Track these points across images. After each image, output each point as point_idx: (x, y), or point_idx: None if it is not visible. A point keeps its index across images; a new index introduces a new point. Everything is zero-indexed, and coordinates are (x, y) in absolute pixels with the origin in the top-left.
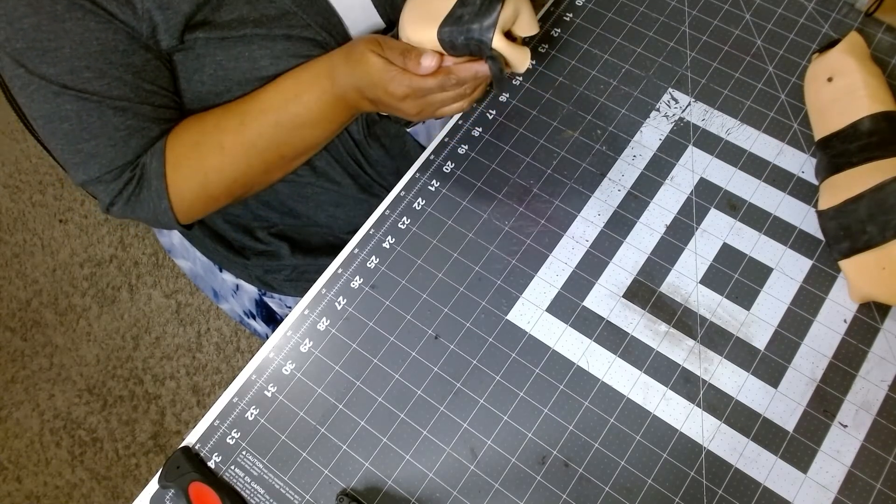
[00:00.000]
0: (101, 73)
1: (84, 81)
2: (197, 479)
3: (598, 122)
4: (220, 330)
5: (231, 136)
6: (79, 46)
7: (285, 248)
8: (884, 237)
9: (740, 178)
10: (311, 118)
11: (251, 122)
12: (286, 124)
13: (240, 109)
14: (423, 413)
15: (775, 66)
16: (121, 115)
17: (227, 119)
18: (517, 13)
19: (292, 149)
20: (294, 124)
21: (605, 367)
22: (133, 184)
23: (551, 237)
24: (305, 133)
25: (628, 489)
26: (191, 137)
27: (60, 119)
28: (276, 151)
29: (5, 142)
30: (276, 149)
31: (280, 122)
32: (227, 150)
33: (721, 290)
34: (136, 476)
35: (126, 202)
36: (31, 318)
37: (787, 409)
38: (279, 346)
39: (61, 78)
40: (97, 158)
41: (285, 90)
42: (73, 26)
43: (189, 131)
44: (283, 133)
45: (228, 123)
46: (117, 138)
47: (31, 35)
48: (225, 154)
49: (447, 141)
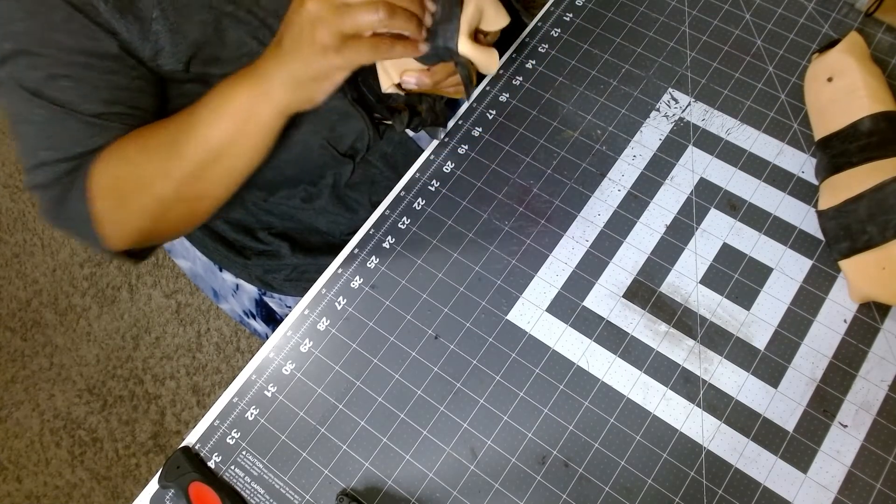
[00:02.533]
0: (78, 83)
1: (59, 90)
2: (197, 479)
3: (598, 122)
4: (220, 330)
5: (150, 128)
6: (64, 56)
7: (285, 247)
8: (884, 237)
9: (740, 178)
10: (207, 98)
11: (173, 114)
12: (189, 110)
13: (174, 118)
14: (423, 413)
15: (775, 66)
16: (86, 132)
17: (163, 126)
18: (480, 10)
19: (188, 143)
20: (194, 107)
21: (605, 367)
22: (63, 184)
23: (551, 237)
24: (201, 117)
25: (628, 489)
26: (125, 135)
27: (27, 122)
28: (175, 144)
29: (5, 142)
30: (175, 140)
31: (189, 110)
32: (142, 139)
33: (721, 290)
34: (136, 476)
35: (54, 203)
36: (31, 318)
37: (787, 409)
38: (279, 346)
39: (38, 84)
40: (48, 168)
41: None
42: (64, 38)
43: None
44: (184, 119)
45: (156, 120)
46: (73, 154)
47: (22, 39)
48: (138, 144)
49: (447, 141)
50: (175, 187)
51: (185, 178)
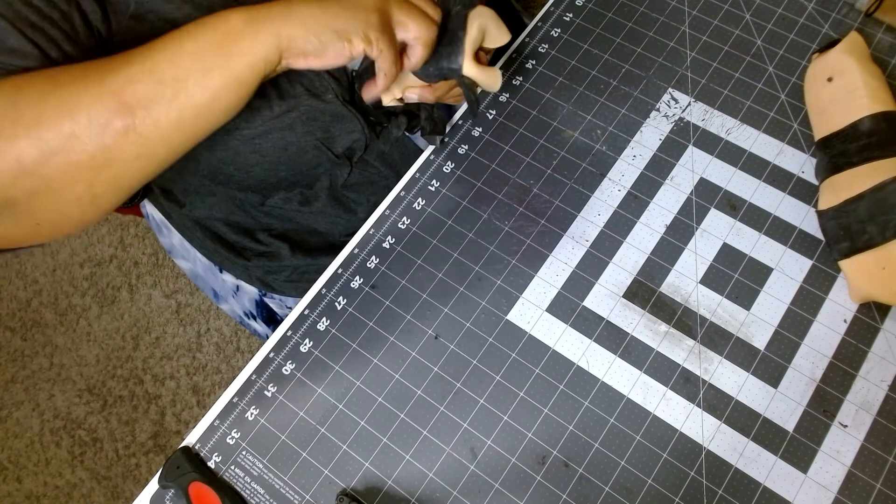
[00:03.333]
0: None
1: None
2: (197, 479)
3: (598, 122)
4: (220, 330)
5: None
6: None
7: (285, 248)
8: (884, 237)
9: (740, 178)
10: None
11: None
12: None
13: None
14: (423, 413)
15: (775, 66)
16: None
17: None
18: (483, 30)
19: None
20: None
21: (605, 367)
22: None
23: (551, 237)
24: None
25: (628, 489)
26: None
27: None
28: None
29: None
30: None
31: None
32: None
33: (721, 290)
34: (136, 476)
35: None
36: (31, 318)
37: (787, 409)
38: (279, 346)
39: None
40: None
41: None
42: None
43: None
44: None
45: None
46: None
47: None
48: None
49: (447, 141)
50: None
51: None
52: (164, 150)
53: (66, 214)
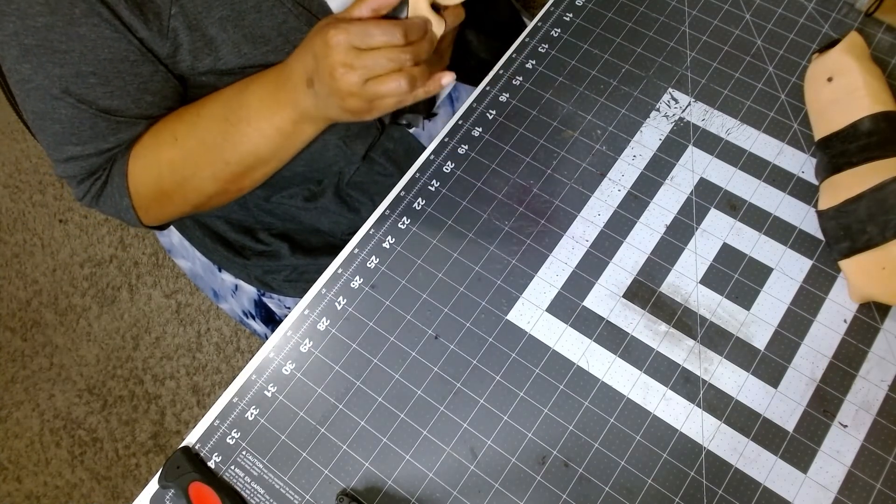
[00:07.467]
0: (106, 81)
1: (87, 87)
2: (197, 479)
3: (598, 122)
4: (220, 330)
5: (185, 127)
6: (89, 52)
7: (285, 248)
8: (884, 237)
9: (740, 178)
10: (251, 112)
11: (205, 113)
12: (231, 118)
13: (200, 103)
14: (423, 413)
15: (775, 66)
16: (113, 129)
17: (186, 111)
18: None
19: (236, 152)
20: (238, 117)
21: (605, 367)
22: (101, 180)
23: (551, 237)
24: (248, 132)
25: (628, 489)
26: (154, 128)
27: (53, 120)
28: (221, 152)
29: (5, 142)
30: (221, 148)
31: (227, 116)
32: (180, 142)
33: (721, 290)
34: (136, 476)
35: (94, 197)
36: (31, 318)
37: (787, 409)
38: (279, 346)
39: (65, 81)
40: (79, 162)
41: (239, 84)
42: (87, 31)
43: (155, 125)
44: (228, 129)
45: (186, 115)
46: (104, 149)
47: (43, 34)
48: (177, 147)
49: (447, 141)
50: (220, 186)
51: (231, 178)
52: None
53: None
